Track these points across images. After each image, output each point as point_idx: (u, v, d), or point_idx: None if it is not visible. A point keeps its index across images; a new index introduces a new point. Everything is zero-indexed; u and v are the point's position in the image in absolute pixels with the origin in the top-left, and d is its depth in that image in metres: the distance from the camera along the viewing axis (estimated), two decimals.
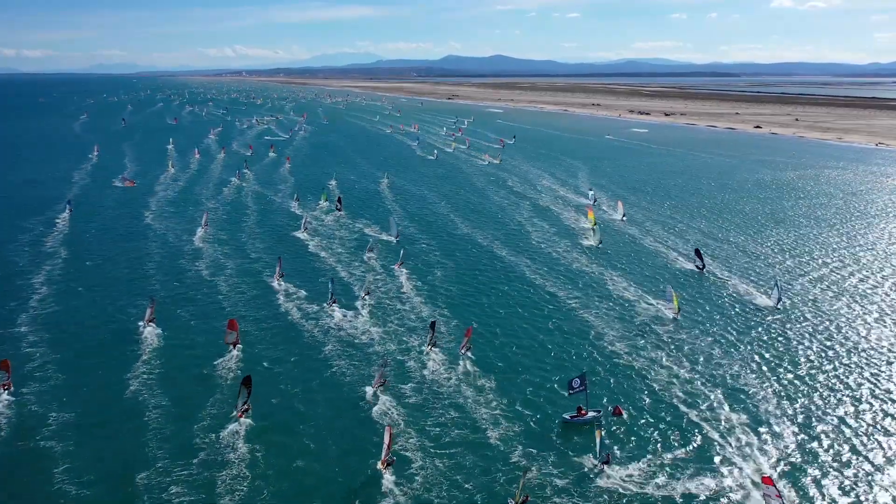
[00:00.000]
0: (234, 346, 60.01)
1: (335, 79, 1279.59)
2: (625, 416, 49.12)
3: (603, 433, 44.11)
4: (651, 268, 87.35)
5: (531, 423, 48.20)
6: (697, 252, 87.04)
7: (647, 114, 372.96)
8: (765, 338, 64.88)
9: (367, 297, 73.03)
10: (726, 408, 50.87)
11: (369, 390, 52.59)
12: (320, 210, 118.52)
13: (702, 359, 59.85)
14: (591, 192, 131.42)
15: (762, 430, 47.94)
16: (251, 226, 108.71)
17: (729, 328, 67.15)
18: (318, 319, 67.59)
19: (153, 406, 50.22)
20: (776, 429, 48.17)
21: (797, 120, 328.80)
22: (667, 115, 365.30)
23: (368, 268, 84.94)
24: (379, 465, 42.37)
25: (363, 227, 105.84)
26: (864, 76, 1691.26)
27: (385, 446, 42.39)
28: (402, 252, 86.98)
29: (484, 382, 54.39)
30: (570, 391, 48.16)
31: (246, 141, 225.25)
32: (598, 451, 43.28)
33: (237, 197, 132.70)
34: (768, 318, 70.04)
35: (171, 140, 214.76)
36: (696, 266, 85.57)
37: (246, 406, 47.29)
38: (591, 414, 48.26)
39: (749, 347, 62.59)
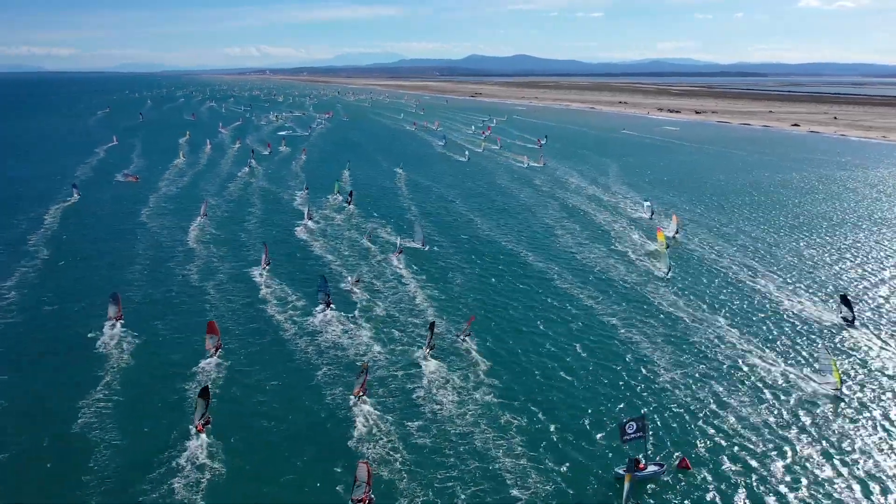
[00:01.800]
0: (216, 352, 52.58)
1: (358, 77, 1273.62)
2: (692, 470, 38.93)
3: (634, 478, 34.76)
4: (748, 310, 65.32)
5: (571, 477, 38.04)
6: (845, 299, 63.16)
7: (677, 112, 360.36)
8: None
9: (356, 285, 68.98)
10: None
11: (351, 400, 45.67)
12: (331, 205, 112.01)
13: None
14: (647, 204, 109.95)
15: None
16: (251, 217, 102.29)
17: None
18: (306, 319, 60.57)
19: (109, 418, 43.73)
20: None
21: (835, 118, 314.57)
22: (697, 112, 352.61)
23: (364, 257, 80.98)
24: None
25: (371, 222, 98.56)
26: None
27: (364, 484, 34.78)
28: (398, 241, 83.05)
29: (504, 413, 44.68)
30: (624, 437, 38.21)
31: (261, 136, 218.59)
32: (623, 500, 33.90)
33: (242, 189, 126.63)
34: None
35: (187, 133, 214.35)
36: (844, 318, 62.06)
37: (205, 419, 42.03)
38: (652, 468, 38.25)
39: None
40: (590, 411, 45.39)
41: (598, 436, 42.26)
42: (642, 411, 42.67)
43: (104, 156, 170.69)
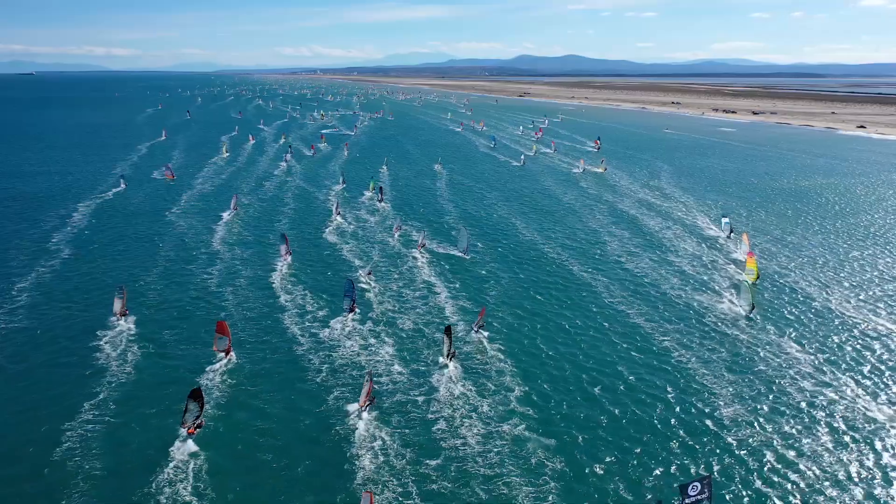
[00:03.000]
0: (227, 355, 48.72)
1: (407, 77, 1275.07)
2: None
3: None
4: (840, 344, 54.76)
5: None
6: None
7: (734, 112, 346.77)
8: None
9: (369, 277, 67.30)
10: None
11: (356, 411, 41.99)
12: (363, 201, 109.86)
13: None
14: (725, 221, 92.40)
15: None
16: (280, 216, 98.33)
17: None
18: (324, 323, 56.55)
19: (99, 416, 41.52)
20: None
21: None
22: (755, 113, 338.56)
23: (387, 253, 78.25)
24: None
25: (400, 219, 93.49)
26: None
27: None
28: (420, 236, 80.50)
29: (537, 452, 38.53)
30: (686, 500, 31.70)
31: (304, 135, 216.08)
32: None
33: (277, 187, 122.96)
34: None
35: (235, 128, 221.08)
36: None
37: (199, 422, 39.70)
38: None
39: None
40: (642, 461, 38.72)
41: (648, 496, 35.54)
42: (707, 473, 35.90)
43: (151, 150, 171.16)
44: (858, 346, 54.45)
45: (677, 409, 44.03)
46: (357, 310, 58.19)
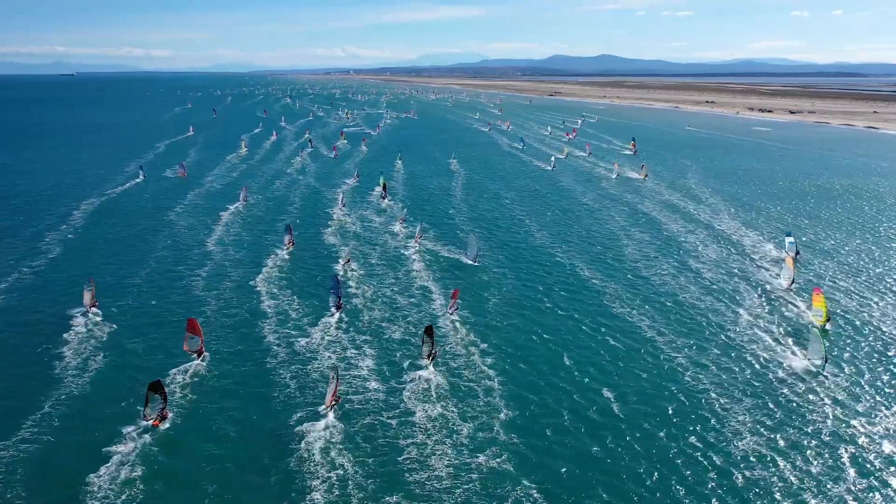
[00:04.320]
0: (199, 356, 46.07)
1: (439, 77, 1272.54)
2: None
3: None
4: None
5: None
6: None
7: (770, 111, 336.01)
8: None
9: (347, 265, 67.41)
10: None
11: (321, 410, 39.69)
12: (371, 198, 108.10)
13: None
14: (788, 240, 75.54)
15: None
16: (284, 216, 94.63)
17: None
18: (307, 323, 53.80)
19: (57, 407, 40.32)
20: None
21: None
22: (792, 112, 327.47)
23: (380, 244, 76.68)
24: None
25: (404, 213, 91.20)
26: None
27: None
28: (418, 228, 79.12)
29: (516, 486, 33.59)
30: None
31: (326, 133, 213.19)
32: None
33: (287, 186, 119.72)
34: None
35: (259, 126, 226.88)
36: None
37: (163, 413, 38.63)
38: None
39: None
40: None
41: None
42: None
43: (170, 147, 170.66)
44: None
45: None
46: (342, 307, 55.65)
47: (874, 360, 49.31)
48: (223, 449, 36.46)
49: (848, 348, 51.08)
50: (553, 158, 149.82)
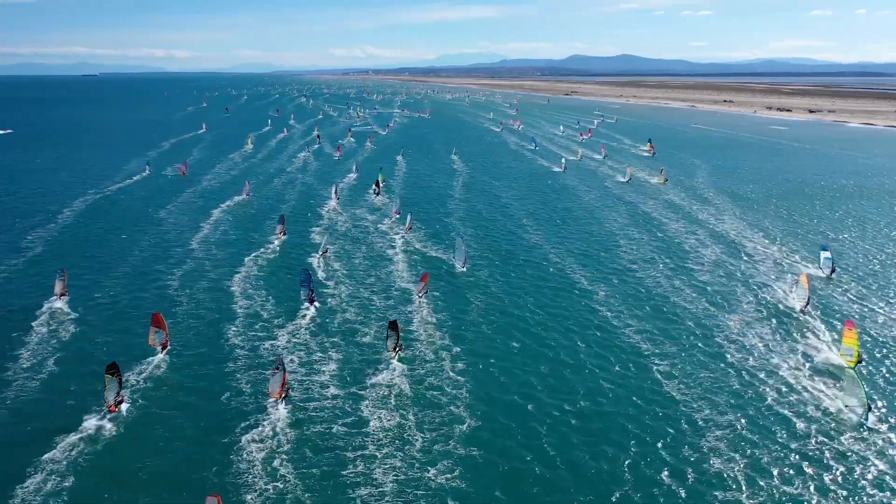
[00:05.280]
0: (163, 350, 45.62)
1: (457, 77, 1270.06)
2: None
3: None
4: None
5: None
6: None
7: (788, 110, 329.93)
8: None
9: (324, 256, 67.14)
10: None
11: (270, 402, 38.97)
12: (368, 193, 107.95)
13: None
14: (824, 256, 67.81)
15: None
16: (278, 211, 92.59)
17: None
18: (277, 317, 53.40)
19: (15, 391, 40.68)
20: None
21: None
22: (811, 111, 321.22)
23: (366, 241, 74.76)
24: None
25: (391, 217, 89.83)
26: None
27: None
28: (409, 217, 79.23)
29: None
30: None
31: (334, 132, 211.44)
32: None
33: (286, 184, 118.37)
34: None
35: (268, 124, 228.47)
36: None
37: (120, 398, 38.73)
38: None
39: None
40: None
41: None
42: None
43: (175, 146, 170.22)
44: None
45: None
46: (316, 301, 54.58)
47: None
48: (172, 444, 35.81)
49: (887, 395, 42.38)
50: (564, 160, 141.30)
